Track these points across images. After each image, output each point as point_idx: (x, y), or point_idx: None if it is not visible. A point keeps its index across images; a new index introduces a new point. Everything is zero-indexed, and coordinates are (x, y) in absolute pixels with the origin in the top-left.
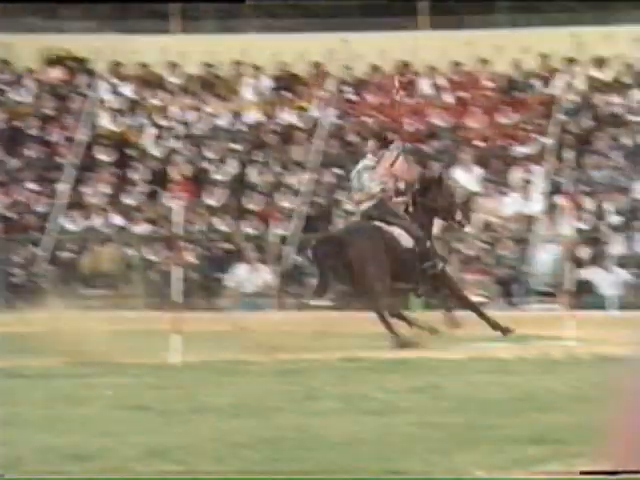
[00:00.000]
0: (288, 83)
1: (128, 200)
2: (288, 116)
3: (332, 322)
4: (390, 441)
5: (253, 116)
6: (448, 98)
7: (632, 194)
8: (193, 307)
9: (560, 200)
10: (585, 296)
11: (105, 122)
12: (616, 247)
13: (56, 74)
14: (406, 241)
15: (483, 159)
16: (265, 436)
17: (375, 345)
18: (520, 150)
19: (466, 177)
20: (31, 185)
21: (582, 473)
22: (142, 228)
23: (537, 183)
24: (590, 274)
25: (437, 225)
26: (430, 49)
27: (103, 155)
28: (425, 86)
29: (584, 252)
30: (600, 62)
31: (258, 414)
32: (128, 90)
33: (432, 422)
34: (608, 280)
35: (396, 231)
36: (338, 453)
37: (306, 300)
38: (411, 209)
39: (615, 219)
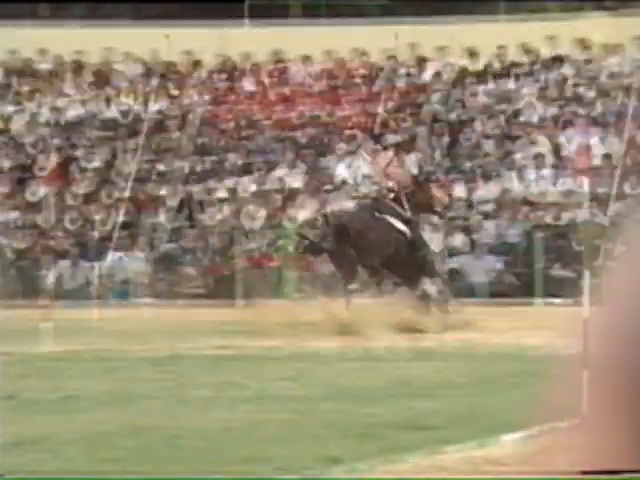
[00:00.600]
0: (160, 71)
1: None
2: (160, 104)
3: (203, 311)
4: (262, 429)
5: (124, 104)
6: (320, 86)
7: (502, 182)
8: (64, 296)
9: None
10: (455, 283)
11: None
12: (487, 235)
13: None
14: (405, 232)
15: (355, 147)
16: (136, 424)
17: (248, 334)
18: (392, 138)
19: (338, 165)
20: None
21: (582, 473)
22: (10, 216)
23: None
24: (460, 261)
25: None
26: (302, 38)
27: None
28: (297, 74)
29: (455, 240)
30: (471, 51)
31: (129, 403)
32: None
33: (304, 410)
34: (478, 268)
35: (397, 223)
36: (209, 441)
37: (178, 288)
38: (406, 205)
39: (485, 207)
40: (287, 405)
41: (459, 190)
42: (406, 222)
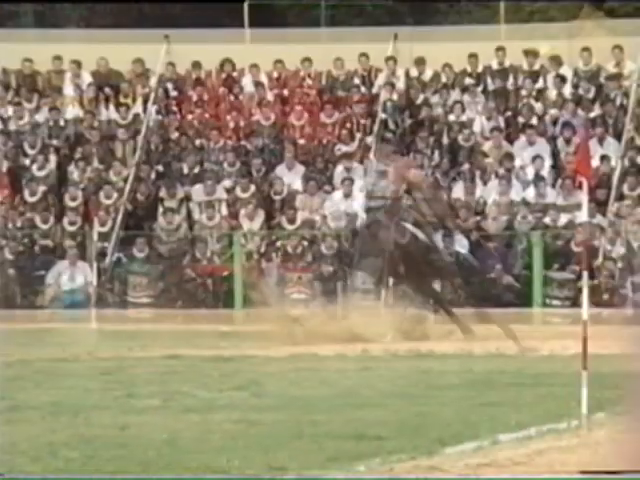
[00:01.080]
0: (108, 79)
1: None
2: (107, 112)
3: (153, 320)
4: (210, 438)
5: (74, 112)
6: (270, 96)
7: (451, 193)
8: (10, 304)
9: None
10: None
11: None
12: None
13: None
14: (422, 237)
15: (305, 157)
16: (85, 435)
17: (196, 343)
18: (342, 148)
19: (289, 175)
20: None
21: (582, 472)
22: None
23: (358, 181)
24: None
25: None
26: (251, 47)
27: None
28: (247, 84)
29: None
30: (419, 62)
31: (78, 413)
32: None
33: (253, 419)
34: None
35: (412, 228)
36: (158, 451)
37: (127, 297)
38: (424, 210)
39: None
40: (236, 414)
41: None
42: (421, 227)
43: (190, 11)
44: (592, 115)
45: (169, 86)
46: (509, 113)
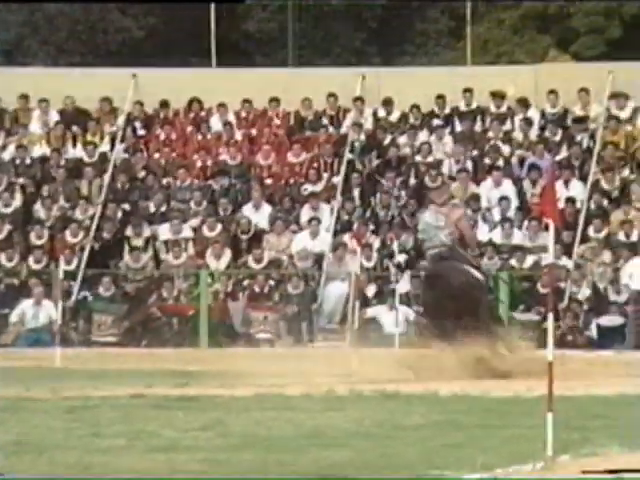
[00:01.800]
0: (76, 117)
1: None
2: (74, 150)
3: (118, 359)
4: (175, 478)
5: (38, 150)
6: (238, 135)
7: (415, 233)
8: None
9: (347, 238)
10: (369, 333)
11: None
12: (401, 285)
13: None
14: (480, 277)
15: (272, 196)
16: (54, 472)
17: (161, 382)
18: (309, 188)
19: (256, 214)
20: None
21: (582, 472)
22: None
23: (324, 221)
24: (374, 311)
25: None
26: (218, 86)
27: None
28: (215, 123)
29: (369, 290)
30: (387, 102)
31: (41, 451)
32: None
33: (218, 459)
34: (391, 318)
35: (472, 269)
36: None
37: (92, 336)
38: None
39: (400, 257)
40: (201, 454)
41: (374, 240)
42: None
43: (158, 50)
44: (558, 157)
45: (137, 125)
46: (476, 154)
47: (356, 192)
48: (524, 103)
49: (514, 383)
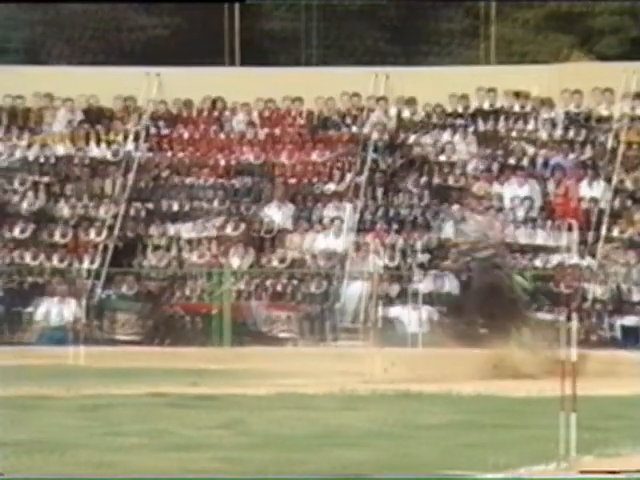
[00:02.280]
0: (98, 116)
1: None
2: (98, 149)
3: (140, 357)
4: (193, 478)
5: (62, 149)
6: (260, 134)
7: (439, 232)
8: None
9: (368, 237)
10: (391, 333)
11: None
12: (423, 284)
13: None
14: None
15: (295, 196)
16: (64, 472)
17: (182, 381)
18: (330, 187)
19: (279, 214)
20: None
21: (582, 472)
22: None
23: (346, 220)
24: (396, 311)
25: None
26: (241, 85)
27: None
28: (236, 122)
29: (391, 289)
30: (410, 102)
31: (58, 450)
32: None
33: (236, 458)
34: (414, 317)
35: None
36: None
37: (115, 335)
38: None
39: (422, 257)
40: (220, 453)
41: (395, 239)
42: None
43: (181, 49)
44: (583, 157)
45: (160, 124)
46: (500, 154)
47: (379, 192)
48: (548, 103)
49: (536, 383)
